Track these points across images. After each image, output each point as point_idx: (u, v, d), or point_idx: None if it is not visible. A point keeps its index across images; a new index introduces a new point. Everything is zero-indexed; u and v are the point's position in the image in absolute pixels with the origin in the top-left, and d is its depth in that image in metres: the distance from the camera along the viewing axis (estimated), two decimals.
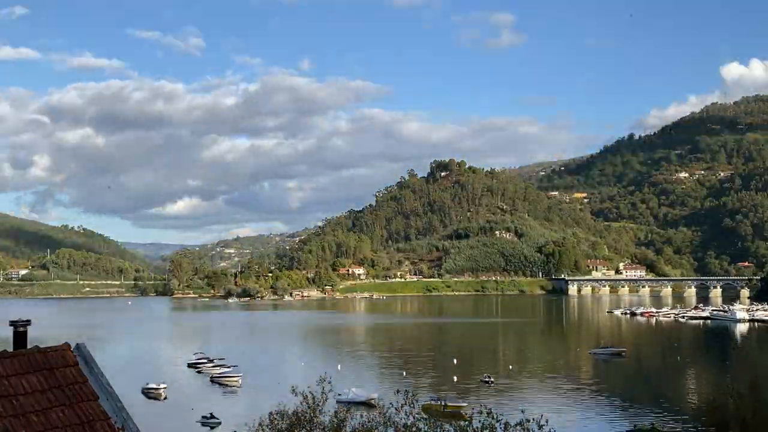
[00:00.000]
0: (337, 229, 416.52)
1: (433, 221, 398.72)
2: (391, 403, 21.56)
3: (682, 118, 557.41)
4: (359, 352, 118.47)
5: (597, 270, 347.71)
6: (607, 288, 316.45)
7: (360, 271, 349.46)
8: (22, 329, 13.64)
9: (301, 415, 21.76)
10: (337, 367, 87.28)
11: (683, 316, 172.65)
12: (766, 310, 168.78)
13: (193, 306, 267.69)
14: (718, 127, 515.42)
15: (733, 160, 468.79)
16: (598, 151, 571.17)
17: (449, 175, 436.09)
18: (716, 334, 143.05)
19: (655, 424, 55.01)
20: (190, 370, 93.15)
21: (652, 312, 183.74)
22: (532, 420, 18.74)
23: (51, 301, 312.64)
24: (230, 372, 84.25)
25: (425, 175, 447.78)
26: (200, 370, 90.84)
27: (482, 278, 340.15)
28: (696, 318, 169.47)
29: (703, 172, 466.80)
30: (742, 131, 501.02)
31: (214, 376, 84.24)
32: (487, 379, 78.46)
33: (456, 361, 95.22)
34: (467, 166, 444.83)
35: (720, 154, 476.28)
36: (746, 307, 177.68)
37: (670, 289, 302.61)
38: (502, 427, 18.72)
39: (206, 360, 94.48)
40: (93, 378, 13.20)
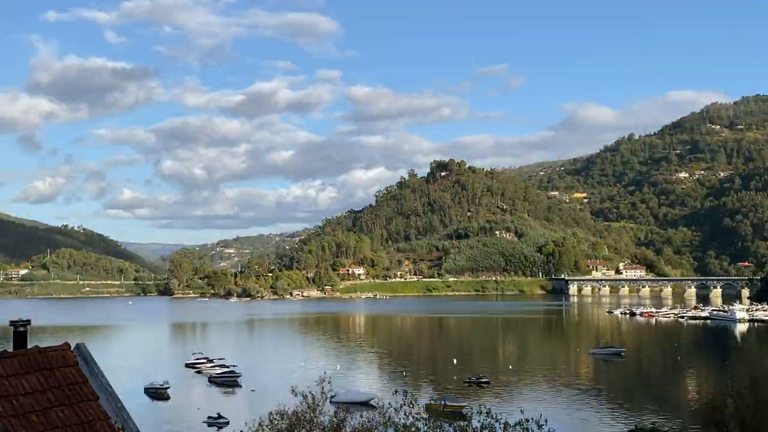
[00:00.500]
0: (337, 229, 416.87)
1: (433, 221, 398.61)
2: (390, 403, 21.57)
3: (682, 118, 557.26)
4: (359, 351, 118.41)
5: (597, 270, 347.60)
6: (607, 288, 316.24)
7: (360, 271, 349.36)
8: (21, 329, 13.65)
9: (300, 415, 21.76)
10: (337, 367, 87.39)
11: (683, 316, 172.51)
12: (765, 310, 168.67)
13: (193, 306, 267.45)
14: (718, 127, 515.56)
15: (733, 160, 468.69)
16: (598, 150, 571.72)
17: (449, 175, 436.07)
18: (716, 334, 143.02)
19: (656, 424, 55.05)
20: (189, 370, 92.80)
21: (652, 312, 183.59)
22: (532, 420, 18.74)
23: (51, 301, 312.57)
24: (229, 372, 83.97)
25: (425, 175, 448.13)
26: (199, 370, 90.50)
27: (482, 278, 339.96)
28: (696, 318, 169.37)
29: (703, 172, 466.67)
30: (742, 131, 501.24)
31: (213, 376, 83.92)
32: (479, 380, 77.74)
33: (456, 361, 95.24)
34: (467, 166, 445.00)
35: (720, 154, 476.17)
36: (746, 307, 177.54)
37: (670, 289, 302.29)
38: (502, 426, 18.71)
39: (205, 360, 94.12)
40: (93, 378, 13.20)
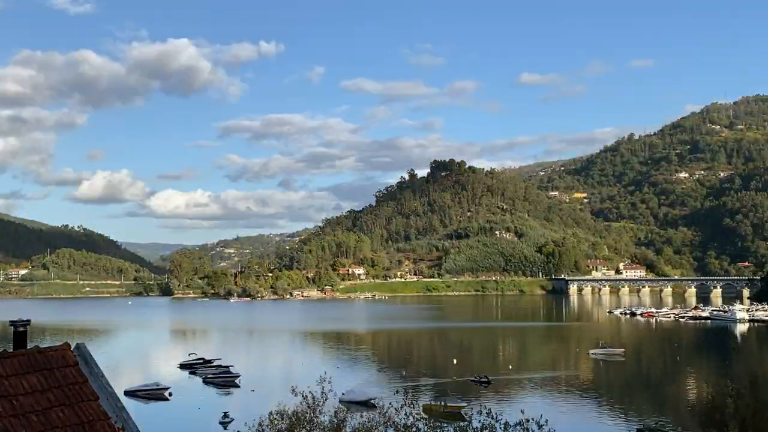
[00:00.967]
0: (337, 229, 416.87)
1: (433, 221, 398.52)
2: (390, 403, 21.56)
3: (682, 118, 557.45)
4: (359, 351, 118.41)
5: (597, 270, 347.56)
6: (608, 288, 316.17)
7: (360, 271, 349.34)
8: (21, 329, 13.64)
9: (301, 415, 21.77)
10: (337, 367, 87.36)
11: (683, 317, 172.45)
12: (766, 310, 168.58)
13: (193, 306, 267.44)
14: (718, 127, 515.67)
15: (733, 160, 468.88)
16: (598, 150, 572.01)
17: (449, 175, 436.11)
18: (716, 334, 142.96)
19: (656, 424, 55.08)
20: (184, 370, 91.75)
21: (652, 312, 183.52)
22: (532, 420, 18.72)
23: (51, 301, 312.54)
24: (226, 373, 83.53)
25: (425, 175, 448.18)
26: (194, 370, 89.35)
27: (482, 278, 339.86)
28: (696, 318, 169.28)
29: (703, 172, 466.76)
30: (742, 131, 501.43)
31: (209, 376, 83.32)
32: (482, 379, 77.91)
33: (456, 361, 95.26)
34: (467, 166, 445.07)
35: (720, 154, 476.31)
36: (746, 307, 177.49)
37: (670, 289, 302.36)
38: (502, 427, 18.70)
39: (201, 360, 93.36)
40: (93, 378, 13.20)
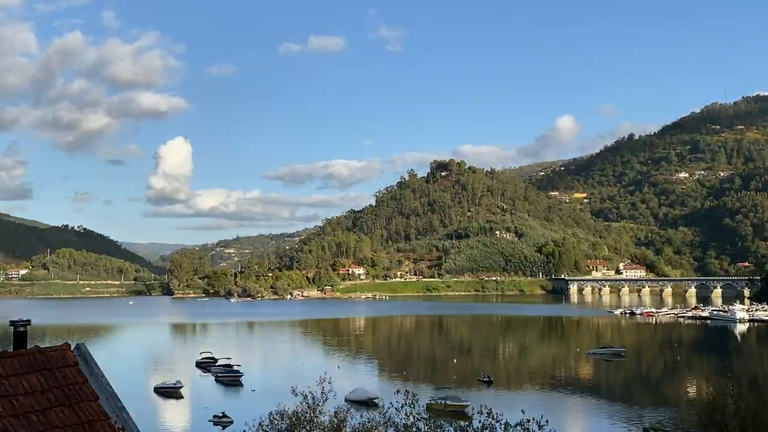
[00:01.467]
0: (337, 229, 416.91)
1: (433, 221, 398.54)
2: (391, 402, 21.55)
3: (682, 118, 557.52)
4: (359, 351, 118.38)
5: (597, 270, 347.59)
6: (608, 288, 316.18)
7: (360, 271, 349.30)
8: (21, 329, 13.62)
9: (301, 415, 21.76)
10: (337, 367, 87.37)
11: (683, 316, 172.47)
12: (766, 310, 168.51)
13: (193, 306, 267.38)
14: (718, 127, 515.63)
15: (733, 160, 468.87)
16: (598, 151, 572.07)
17: (449, 175, 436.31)
18: (716, 334, 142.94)
19: (658, 424, 55.07)
20: (197, 369, 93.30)
21: (652, 312, 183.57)
22: (533, 420, 18.69)
23: (51, 301, 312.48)
24: (232, 371, 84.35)
25: (425, 175, 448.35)
26: (206, 369, 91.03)
27: (482, 278, 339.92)
28: (696, 318, 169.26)
29: (703, 172, 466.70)
30: (742, 131, 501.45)
31: (219, 375, 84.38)
32: (484, 379, 78.16)
33: (456, 360, 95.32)
34: (467, 166, 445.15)
35: (720, 154, 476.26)
36: (746, 307, 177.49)
37: (670, 289, 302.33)
38: (502, 427, 18.67)
39: (211, 359, 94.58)
40: (93, 378, 13.18)
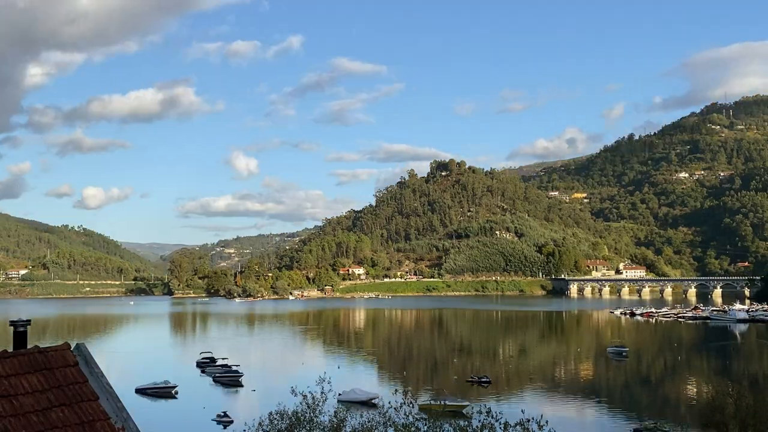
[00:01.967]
0: (337, 229, 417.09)
1: (433, 221, 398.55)
2: (390, 402, 21.57)
3: (682, 118, 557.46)
4: (359, 351, 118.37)
5: (597, 270, 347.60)
6: (608, 288, 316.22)
7: (360, 271, 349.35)
8: (21, 329, 13.64)
9: (300, 415, 21.79)
10: (337, 367, 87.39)
11: (683, 317, 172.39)
12: (766, 311, 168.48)
13: (194, 306, 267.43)
14: (718, 127, 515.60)
15: (733, 160, 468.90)
16: (598, 151, 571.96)
17: (449, 175, 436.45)
18: (716, 334, 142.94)
19: (658, 424, 55.06)
20: (197, 369, 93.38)
21: (652, 312, 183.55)
22: (532, 420, 18.72)
23: (51, 301, 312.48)
24: (232, 372, 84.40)
25: (425, 175, 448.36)
26: (204, 369, 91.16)
27: (482, 278, 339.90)
28: (696, 318, 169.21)
29: (703, 172, 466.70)
30: (742, 131, 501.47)
31: (217, 375, 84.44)
32: (483, 379, 78.09)
33: (456, 360, 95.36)
34: (467, 166, 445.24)
35: (720, 154, 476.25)
36: (746, 307, 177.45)
37: (670, 289, 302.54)
38: (502, 426, 18.70)
39: (210, 359, 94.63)
40: (93, 378, 13.19)
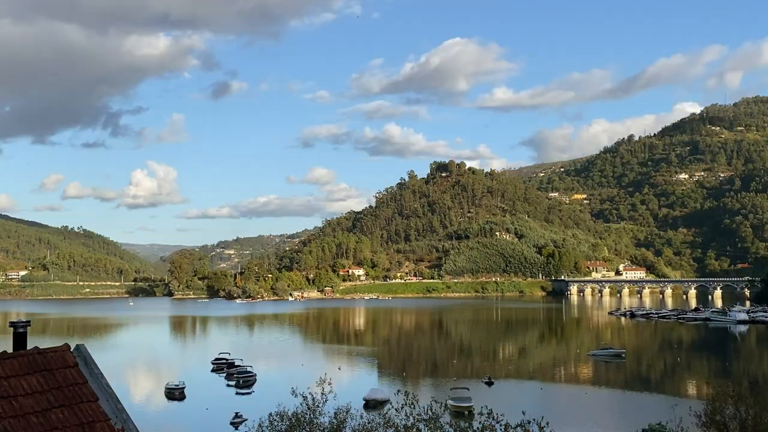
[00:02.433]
0: (336, 230, 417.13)
1: (433, 222, 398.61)
2: (390, 403, 21.54)
3: (682, 119, 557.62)
4: (359, 351, 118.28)
5: (597, 271, 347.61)
6: (608, 289, 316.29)
7: (360, 272, 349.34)
8: (21, 330, 13.62)
9: (300, 416, 21.76)
10: (337, 368, 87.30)
11: (683, 318, 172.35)
12: (765, 312, 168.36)
13: (193, 307, 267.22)
14: (718, 128, 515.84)
15: (733, 161, 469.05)
16: (597, 152, 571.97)
17: (449, 176, 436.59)
18: (716, 335, 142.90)
19: (656, 425, 54.96)
20: (212, 369, 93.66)
21: (652, 313, 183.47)
22: (533, 421, 18.67)
23: (51, 302, 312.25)
24: (247, 373, 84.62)
25: (425, 176, 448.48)
26: (220, 370, 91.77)
27: (482, 279, 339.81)
28: (696, 319, 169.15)
29: (702, 174, 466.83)
30: (742, 132, 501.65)
31: (234, 375, 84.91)
32: (485, 380, 78.37)
33: (456, 361, 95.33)
34: (467, 167, 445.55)
35: (720, 156, 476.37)
36: (746, 308, 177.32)
37: (670, 290, 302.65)
38: (503, 428, 18.65)
39: (225, 360, 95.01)
40: (93, 379, 13.17)
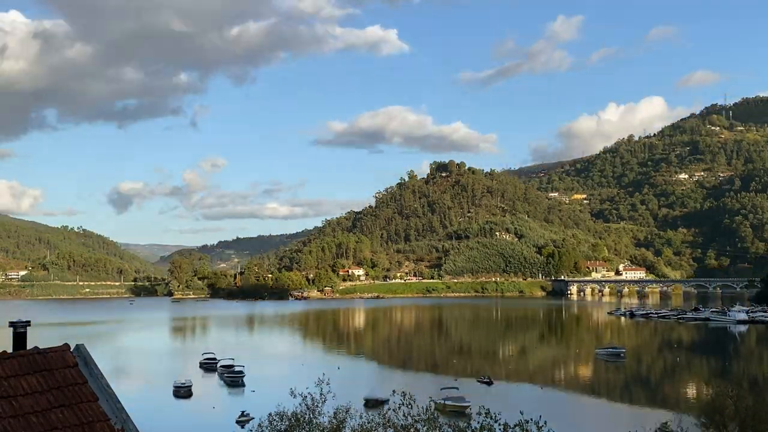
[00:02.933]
0: (336, 230, 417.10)
1: (432, 222, 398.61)
2: (388, 404, 21.58)
3: (681, 119, 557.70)
4: (358, 351, 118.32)
5: (597, 271, 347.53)
6: (607, 289, 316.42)
7: (360, 272, 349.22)
8: (21, 330, 13.65)
9: (300, 416, 21.80)
10: (337, 368, 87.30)
11: (682, 318, 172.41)
12: (765, 312, 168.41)
13: (193, 307, 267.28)
14: (718, 128, 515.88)
15: (733, 161, 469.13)
16: (597, 152, 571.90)
17: (449, 175, 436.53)
18: (716, 335, 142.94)
19: (662, 423, 54.97)
20: (200, 369, 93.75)
21: (652, 313, 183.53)
22: (531, 420, 18.72)
23: (50, 302, 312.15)
24: (235, 371, 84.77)
25: (425, 176, 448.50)
26: (209, 369, 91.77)
27: (482, 279, 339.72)
28: (695, 319, 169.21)
29: (702, 174, 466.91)
30: (741, 132, 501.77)
31: (226, 375, 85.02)
32: (484, 380, 78.45)
33: (455, 361, 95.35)
34: (467, 167, 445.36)
35: (720, 156, 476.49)
36: (745, 308, 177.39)
37: (669, 290, 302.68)
38: (501, 427, 18.70)
39: (213, 360, 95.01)
40: (92, 379, 13.20)
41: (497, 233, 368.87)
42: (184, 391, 74.32)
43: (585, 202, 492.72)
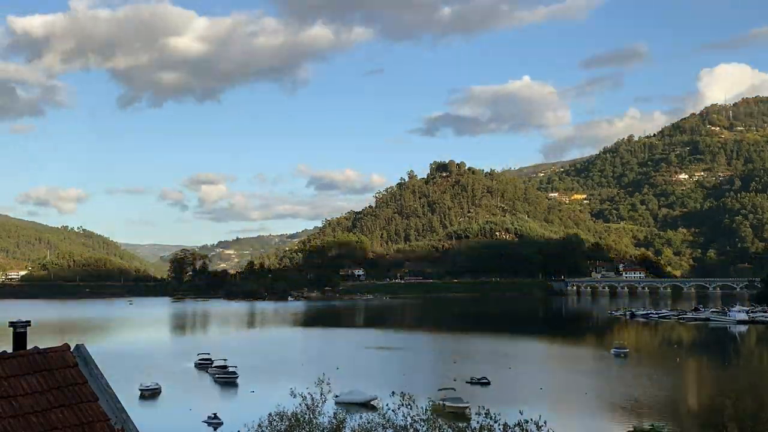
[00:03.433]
0: (337, 230, 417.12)
1: (432, 222, 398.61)
2: (388, 404, 21.60)
3: (682, 119, 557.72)
4: (358, 351, 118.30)
5: (597, 271, 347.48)
6: (607, 289, 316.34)
7: (360, 272, 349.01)
8: (21, 330, 13.66)
9: (299, 416, 21.79)
10: (336, 368, 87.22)
11: (683, 318, 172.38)
12: (765, 312, 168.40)
13: (193, 307, 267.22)
14: (718, 128, 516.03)
15: (733, 161, 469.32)
16: (597, 152, 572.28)
17: (449, 176, 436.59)
18: (715, 335, 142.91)
19: (655, 425, 55.02)
20: (196, 370, 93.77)
21: (652, 313, 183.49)
22: (531, 421, 18.72)
23: (50, 302, 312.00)
24: (229, 372, 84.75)
25: (425, 176, 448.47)
26: (203, 370, 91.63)
27: (482, 279, 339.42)
28: (695, 319, 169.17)
29: (702, 174, 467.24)
30: (741, 132, 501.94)
31: (218, 376, 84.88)
32: (482, 380, 78.29)
33: (455, 361, 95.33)
34: (467, 167, 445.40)
35: (720, 156, 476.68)
36: (745, 308, 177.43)
37: (669, 290, 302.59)
38: (501, 427, 18.71)
39: (208, 360, 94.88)
40: (92, 379, 13.20)
41: (497, 233, 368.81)
42: (148, 394, 74.25)
43: (585, 202, 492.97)
